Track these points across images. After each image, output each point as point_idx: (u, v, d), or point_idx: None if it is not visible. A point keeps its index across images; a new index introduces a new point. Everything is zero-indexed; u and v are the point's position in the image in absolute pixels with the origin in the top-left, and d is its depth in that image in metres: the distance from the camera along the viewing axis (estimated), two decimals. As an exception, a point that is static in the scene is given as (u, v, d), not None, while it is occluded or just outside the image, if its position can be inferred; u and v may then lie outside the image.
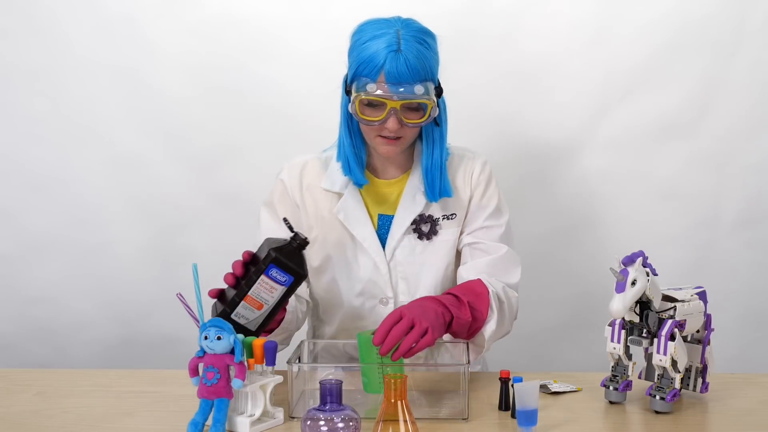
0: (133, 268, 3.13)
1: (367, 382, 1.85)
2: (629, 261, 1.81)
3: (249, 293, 1.80)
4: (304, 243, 1.85)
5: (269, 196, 2.28)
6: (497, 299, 2.07)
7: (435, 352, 2.17)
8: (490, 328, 2.03)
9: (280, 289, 1.81)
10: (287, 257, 1.81)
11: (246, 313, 1.81)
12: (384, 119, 2.02)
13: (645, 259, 1.83)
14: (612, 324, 1.91)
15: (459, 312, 1.96)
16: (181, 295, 1.77)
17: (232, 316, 1.81)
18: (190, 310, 1.76)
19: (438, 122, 2.13)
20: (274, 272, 1.80)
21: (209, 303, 1.85)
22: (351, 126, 2.15)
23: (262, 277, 1.80)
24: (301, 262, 1.83)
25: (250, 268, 1.84)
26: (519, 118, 2.97)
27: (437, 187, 2.16)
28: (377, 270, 2.20)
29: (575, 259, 3.03)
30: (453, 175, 2.23)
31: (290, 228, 1.87)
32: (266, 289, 1.80)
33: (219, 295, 1.86)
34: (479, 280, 2.09)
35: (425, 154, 2.15)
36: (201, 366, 1.74)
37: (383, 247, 2.20)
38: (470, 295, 2.03)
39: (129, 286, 3.14)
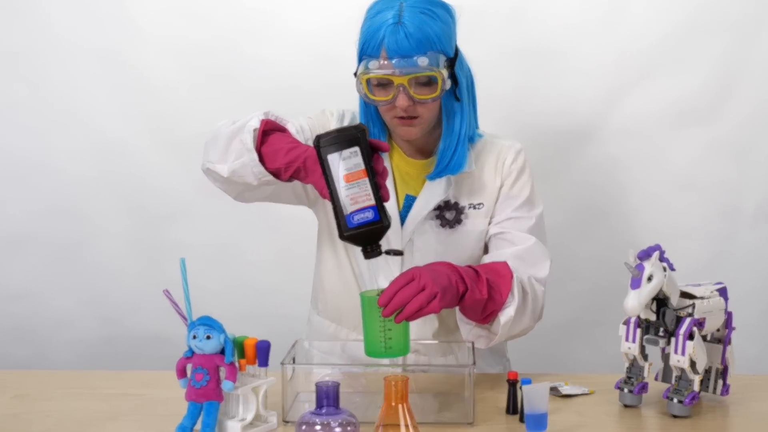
0: (117, 263, 3.13)
1: (368, 345, 1.84)
2: (645, 255, 1.80)
3: (367, 179, 1.73)
4: (387, 252, 1.81)
5: (305, 118, 2.20)
6: (521, 287, 2.01)
7: (438, 351, 2.18)
8: (507, 313, 1.97)
9: (348, 203, 1.73)
10: (378, 233, 1.76)
11: (344, 164, 1.73)
12: (393, 98, 2.00)
13: (662, 253, 1.82)
14: (627, 322, 1.91)
15: (475, 286, 1.92)
16: (168, 291, 1.77)
17: (328, 155, 1.73)
18: (178, 307, 1.75)
19: (459, 96, 2.09)
20: (361, 216, 1.74)
21: (197, 299, 1.84)
22: (368, 110, 2.14)
23: (368, 195, 1.73)
24: (366, 236, 1.77)
25: (382, 187, 1.76)
26: (526, 102, 2.97)
27: (444, 163, 2.12)
28: None
29: (587, 253, 3.03)
30: (483, 164, 2.20)
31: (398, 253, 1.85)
32: (354, 198, 1.73)
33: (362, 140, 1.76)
34: (504, 263, 2.03)
35: (444, 130, 2.12)
36: (189, 367, 1.73)
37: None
38: (491, 273, 1.99)
39: (113, 281, 3.14)
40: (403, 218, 2.18)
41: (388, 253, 1.82)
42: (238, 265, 3.10)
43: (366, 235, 1.76)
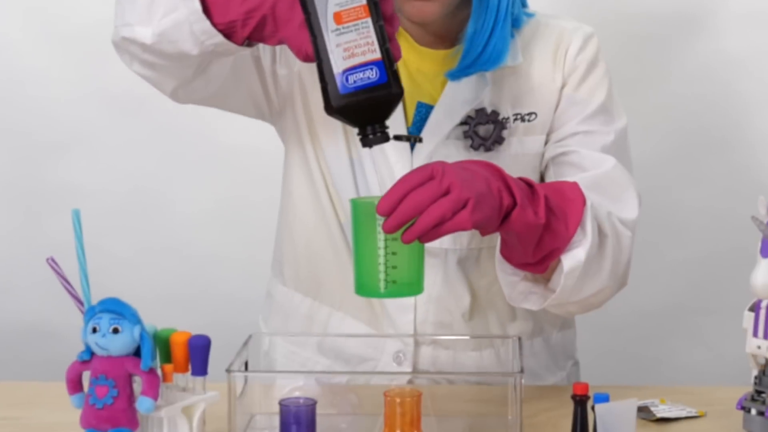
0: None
1: (361, 278, 1.80)
2: (784, 205, 1.79)
3: (369, 19, 1.69)
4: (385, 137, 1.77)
5: None
6: (596, 225, 1.96)
7: (469, 345, 2.18)
8: (575, 256, 1.91)
9: (339, 55, 1.70)
10: (384, 104, 1.72)
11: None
12: None
13: (811, 202, 1.80)
14: (756, 308, 1.89)
15: (527, 203, 1.85)
16: (53, 259, 1.75)
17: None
18: (69, 284, 1.73)
19: None
20: (359, 76, 1.69)
21: (99, 272, 1.83)
22: None
23: (371, 45, 1.70)
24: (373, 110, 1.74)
25: (391, 38, 1.74)
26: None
27: (476, 53, 2.10)
28: None
29: (693, 203, 3.05)
30: (534, 55, 2.19)
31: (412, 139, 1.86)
32: (350, 48, 1.69)
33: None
34: (574, 184, 1.98)
35: (476, 5, 2.09)
36: (87, 376, 1.72)
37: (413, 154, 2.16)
38: (553, 193, 1.93)
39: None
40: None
41: (398, 138, 1.77)
42: (162, 220, 3.10)
43: (366, 104, 1.71)
